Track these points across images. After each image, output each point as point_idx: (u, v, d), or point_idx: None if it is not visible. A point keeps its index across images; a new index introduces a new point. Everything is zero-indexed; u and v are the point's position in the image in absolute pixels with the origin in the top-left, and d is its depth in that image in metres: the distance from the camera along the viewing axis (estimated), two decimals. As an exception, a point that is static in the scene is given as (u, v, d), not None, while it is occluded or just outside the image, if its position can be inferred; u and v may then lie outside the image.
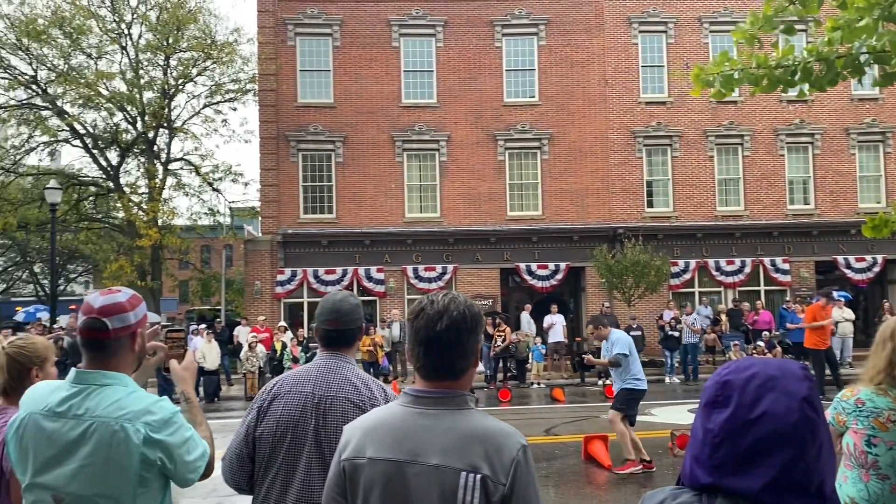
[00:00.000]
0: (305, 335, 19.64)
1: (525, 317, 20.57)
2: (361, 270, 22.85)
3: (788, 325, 18.45)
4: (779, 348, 18.36)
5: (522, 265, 23.05)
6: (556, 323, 19.61)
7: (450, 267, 23.03)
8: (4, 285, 35.53)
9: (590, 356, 11.65)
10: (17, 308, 34.24)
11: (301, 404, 2.64)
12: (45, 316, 23.96)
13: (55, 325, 19.21)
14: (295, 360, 17.71)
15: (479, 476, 1.77)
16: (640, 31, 24.19)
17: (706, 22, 24.04)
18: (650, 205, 23.99)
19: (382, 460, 1.84)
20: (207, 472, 2.34)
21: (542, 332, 20.08)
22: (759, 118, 24.02)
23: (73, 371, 2.30)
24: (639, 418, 8.99)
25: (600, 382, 18.00)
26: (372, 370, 17.40)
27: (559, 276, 23.10)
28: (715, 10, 24.03)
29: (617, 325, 19.69)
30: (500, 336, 17.92)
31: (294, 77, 23.45)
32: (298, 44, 23.61)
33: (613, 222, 23.36)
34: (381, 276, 22.94)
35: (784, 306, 20.54)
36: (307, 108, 23.46)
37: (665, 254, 21.54)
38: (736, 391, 1.33)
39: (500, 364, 18.39)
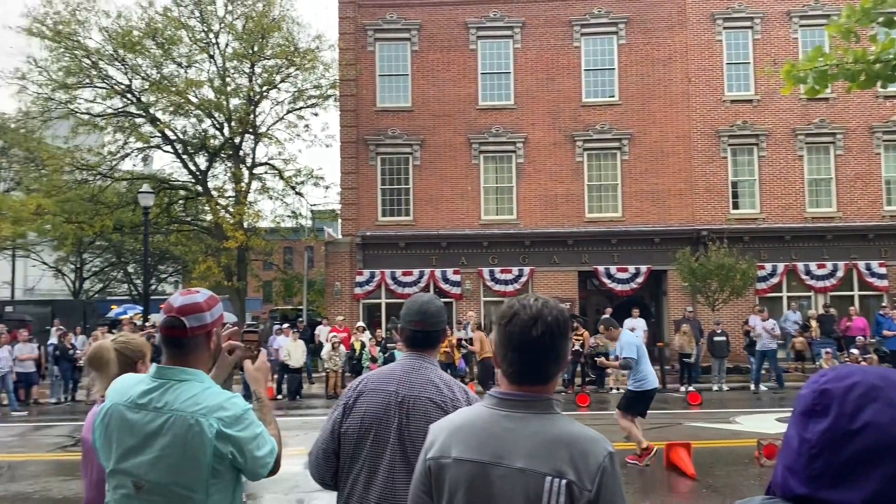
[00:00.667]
0: (383, 335, 19.92)
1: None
2: (438, 272, 22.99)
3: (885, 333, 17.49)
4: (874, 356, 17.42)
5: (601, 268, 22.69)
6: (637, 327, 19.18)
7: (526, 269, 22.90)
8: (101, 285, 37.44)
9: (602, 358, 11.88)
10: (111, 306, 36.05)
11: (385, 402, 2.69)
12: (130, 314, 25.15)
13: (147, 324, 20.10)
14: (373, 360, 17.98)
15: (564, 481, 1.76)
16: (725, 28, 23.45)
17: (795, 16, 23.08)
18: (735, 206, 23.22)
19: (467, 461, 1.85)
20: (275, 468, 2.44)
21: (621, 336, 19.68)
22: (853, 115, 22.89)
23: (153, 366, 2.43)
24: (724, 426, 8.71)
25: (682, 389, 17.52)
26: (449, 371, 17.46)
27: (639, 280, 22.63)
28: (805, 4, 23.03)
29: (700, 331, 19.23)
30: (578, 340, 17.68)
31: (373, 82, 23.84)
32: (378, 49, 23.98)
33: (697, 224, 22.71)
34: (457, 277, 23.02)
35: (881, 312, 19.45)
36: (385, 112, 23.80)
37: (751, 257, 20.80)
38: (835, 400, 1.27)
39: (578, 368, 18.15)
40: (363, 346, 17.94)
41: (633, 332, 19.01)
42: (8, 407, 16.57)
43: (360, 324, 20.03)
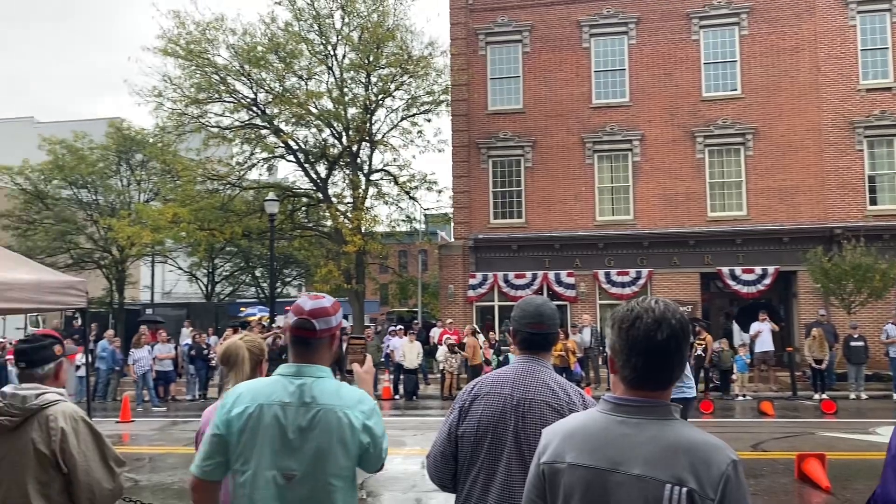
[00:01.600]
0: (497, 338, 19.93)
1: (736, 326, 19.38)
2: (551, 275, 22.77)
3: None
4: None
5: (725, 269, 21.72)
6: (764, 331, 18.25)
7: (644, 271, 22.27)
8: (231, 288, 39.59)
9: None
10: (241, 308, 38.06)
11: (500, 406, 2.69)
12: (259, 315, 26.42)
13: (273, 325, 21.06)
14: (487, 363, 18.03)
15: (685, 489, 1.71)
16: (859, 12, 21.90)
17: (941, -7, 21.24)
18: (873, 202, 21.61)
19: (582, 466, 1.82)
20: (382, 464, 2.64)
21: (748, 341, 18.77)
22: None
23: (291, 366, 2.56)
24: (862, 437, 8.12)
25: (816, 397, 16.49)
26: (564, 375, 17.24)
27: (767, 281, 21.49)
28: (953, -20, 21.16)
29: (834, 335, 17.99)
30: (701, 345, 16.99)
31: (484, 85, 23.95)
32: (489, 52, 24.08)
33: (829, 222, 21.32)
34: (571, 280, 22.71)
35: None
36: (497, 115, 23.85)
37: (893, 256, 19.29)
38: None
39: (702, 374, 17.44)
40: (479, 348, 18.00)
41: (760, 335, 18.13)
42: (149, 403, 17.80)
43: (470, 326, 20.13)
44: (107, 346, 19.08)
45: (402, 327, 20.29)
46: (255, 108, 24.37)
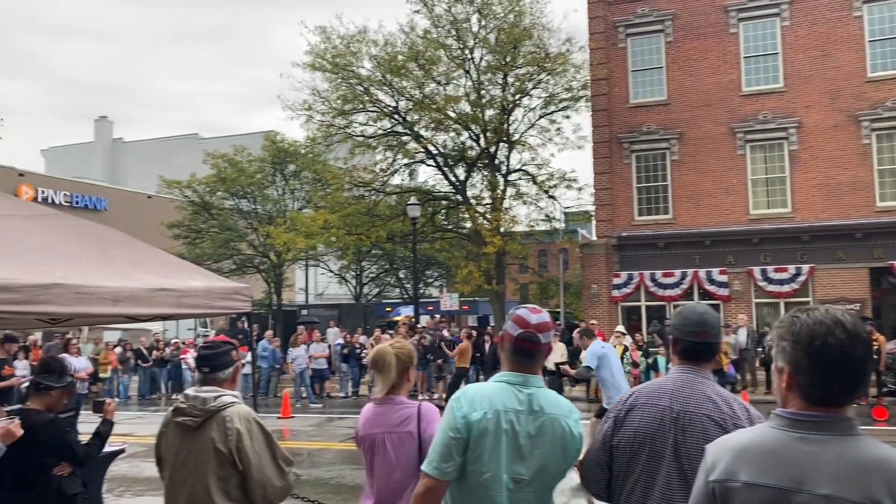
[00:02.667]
0: (644, 339, 19.32)
1: None
2: (702, 273, 21.78)
3: None
4: None
5: (898, 263, 19.86)
6: (947, 331, 16.50)
7: (805, 267, 20.79)
8: (378, 289, 41.05)
9: (566, 367, 11.99)
10: (387, 308, 39.35)
11: (659, 418, 2.63)
12: (403, 314, 27.17)
13: (418, 325, 21.62)
14: (635, 365, 17.52)
15: None
16: None
17: None
18: None
19: (761, 486, 1.73)
20: None
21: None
22: None
23: (517, 375, 2.69)
24: None
25: None
26: (717, 378, 16.44)
27: (949, 276, 19.43)
28: None
29: None
30: (874, 346, 15.60)
31: (625, 78, 23.30)
32: (629, 45, 23.41)
33: None
34: (723, 278, 21.61)
35: None
36: (639, 108, 23.14)
37: None
38: None
39: (875, 377, 16.03)
40: (626, 349, 17.54)
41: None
42: (307, 399, 18.80)
43: (619, 328, 19.62)
44: (267, 345, 20.35)
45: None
46: (396, 116, 25.11)
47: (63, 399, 4.64)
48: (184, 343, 22.41)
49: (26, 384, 14.34)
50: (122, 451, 6.99)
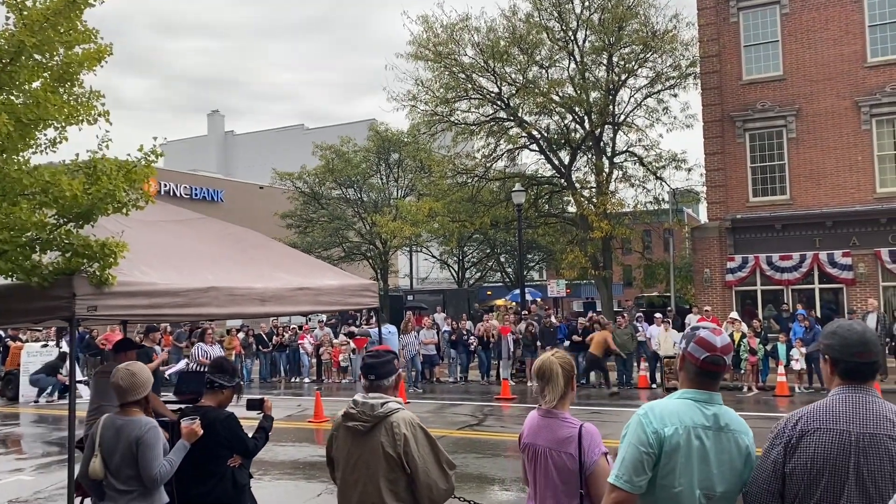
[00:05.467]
0: (761, 325, 18.65)
1: None
2: (823, 255, 20.77)
3: None
4: None
5: None
6: None
7: (940, 248, 19.47)
8: (479, 273, 41.36)
9: None
10: (488, 293, 39.61)
11: (838, 442, 2.57)
12: (508, 299, 27.24)
13: (524, 312, 21.69)
14: (753, 353, 16.98)
15: None
16: None
17: None
18: None
19: None
20: None
21: None
22: None
23: (703, 393, 2.77)
24: None
25: None
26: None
27: None
28: None
29: None
30: None
31: (738, 54, 22.37)
32: (741, 19, 22.44)
33: None
34: (847, 260, 20.53)
35: None
36: (753, 84, 22.18)
37: None
38: None
39: None
40: (743, 336, 17.03)
41: None
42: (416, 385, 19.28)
43: (734, 314, 19.03)
44: (394, 330, 20.92)
45: (660, 315, 19.69)
46: (499, 102, 25.12)
47: (232, 397, 5.03)
48: (300, 329, 23.41)
49: (171, 371, 15.45)
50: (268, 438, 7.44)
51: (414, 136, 27.33)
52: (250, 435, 4.96)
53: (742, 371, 16.99)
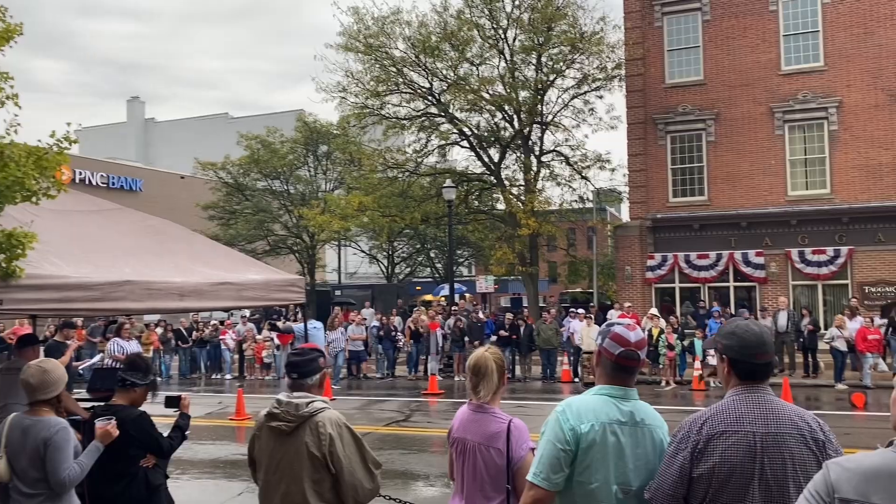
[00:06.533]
0: (679, 322, 19.27)
1: None
2: (738, 254, 21.65)
3: None
4: None
5: (941, 246, 19.57)
6: None
7: (844, 249, 20.57)
8: (409, 268, 41.34)
9: None
10: (417, 288, 39.61)
11: (747, 444, 2.56)
12: (441, 294, 27.31)
13: (453, 307, 21.77)
14: (671, 348, 17.53)
15: None
16: None
17: None
18: None
19: None
20: None
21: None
22: None
23: (619, 389, 2.81)
24: None
25: None
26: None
27: None
28: None
29: None
30: (915, 330, 15.48)
31: (661, 58, 23.03)
32: (665, 24, 23.10)
33: None
34: (760, 260, 21.46)
35: None
36: (675, 88, 22.89)
37: None
38: None
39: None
40: (661, 332, 17.56)
41: None
42: (345, 381, 19.08)
43: (653, 311, 19.61)
44: (302, 328, 20.66)
45: (583, 310, 20.15)
46: (430, 97, 25.12)
47: (146, 395, 4.85)
48: (222, 324, 22.84)
49: (84, 366, 14.80)
50: (186, 437, 7.22)
51: (344, 128, 27.03)
52: (166, 434, 4.79)
53: (661, 366, 17.53)
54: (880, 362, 16.51)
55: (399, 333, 20.60)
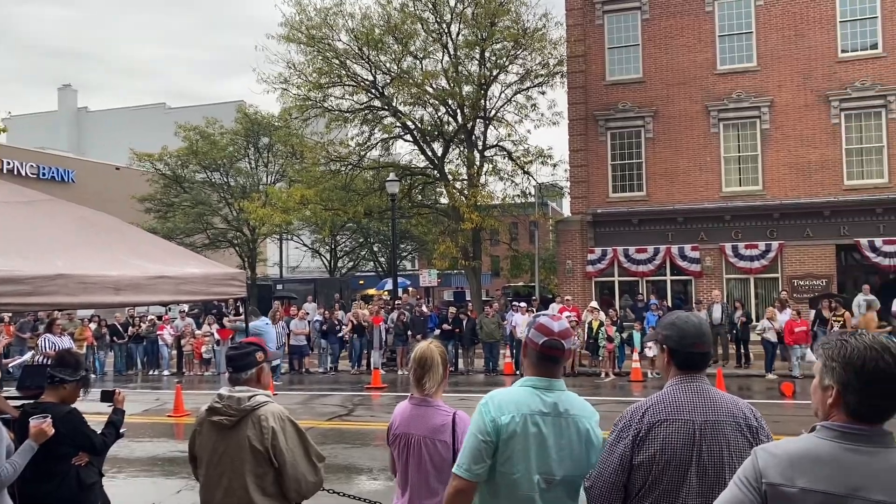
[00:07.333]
0: (618, 315, 19.69)
1: (861, 299, 17.93)
2: (674, 249, 22.23)
3: None
4: None
5: (864, 240, 20.49)
6: (908, 307, 17.10)
7: (774, 244, 21.34)
8: (352, 262, 41.06)
9: None
10: (360, 282, 39.42)
11: (686, 431, 2.63)
12: (384, 289, 27.24)
13: (397, 301, 21.75)
14: (610, 340, 17.89)
15: None
16: None
17: None
18: None
19: (819, 492, 1.89)
20: None
21: (888, 317, 17.64)
22: None
23: (542, 380, 2.83)
24: None
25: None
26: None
27: (911, 253, 20.10)
28: None
29: None
30: (838, 321, 16.19)
31: (602, 56, 23.42)
32: (606, 21, 23.49)
33: None
34: (695, 254, 22.08)
35: None
36: (615, 85, 23.31)
37: None
38: None
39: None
40: (601, 325, 17.92)
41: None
42: (286, 375, 18.85)
43: (593, 304, 19.99)
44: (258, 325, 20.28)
45: (525, 304, 20.40)
46: (373, 90, 24.96)
47: (77, 392, 4.71)
48: (160, 319, 22.28)
49: (14, 363, 14.22)
50: (122, 434, 7.04)
51: (285, 120, 26.63)
52: (100, 431, 4.67)
53: (600, 358, 17.89)
54: (808, 353, 17.20)
55: (343, 327, 20.46)
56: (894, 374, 1.91)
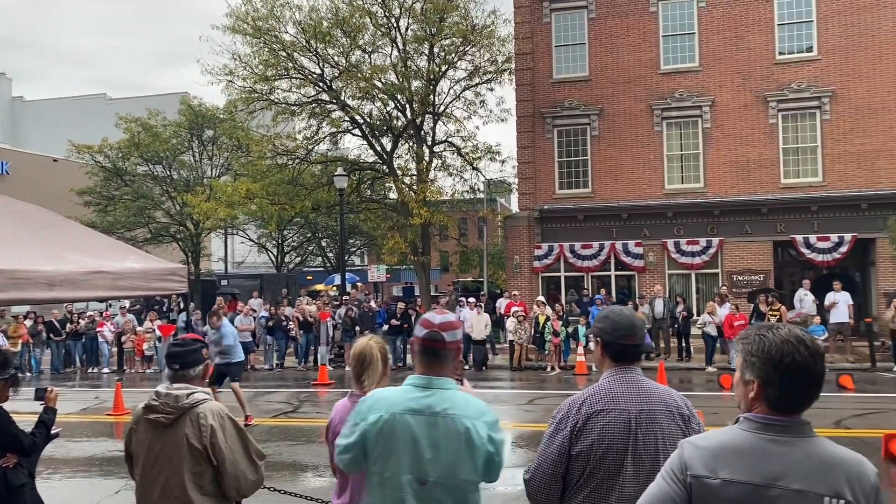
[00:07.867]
0: (564, 309, 19.97)
1: (803, 294, 18.68)
2: (619, 245, 22.64)
3: None
4: None
5: (799, 237, 21.22)
6: (840, 301, 17.81)
7: (715, 240, 21.93)
8: (300, 258, 40.57)
9: None
10: (308, 277, 38.99)
11: (623, 421, 2.70)
12: (330, 285, 26.97)
13: (345, 297, 21.62)
14: (556, 334, 18.13)
15: (842, 501, 1.89)
16: (949, -37, 20.71)
17: None
18: (960, 165, 20.66)
19: (739, 483, 1.94)
20: None
21: (822, 311, 18.34)
22: None
23: (421, 377, 2.77)
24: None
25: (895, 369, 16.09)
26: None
27: (843, 249, 20.91)
28: None
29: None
30: (775, 315, 16.71)
31: (549, 54, 23.66)
32: (553, 20, 23.74)
33: (912, 187, 20.52)
34: (639, 250, 22.53)
35: None
36: (562, 83, 23.58)
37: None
38: None
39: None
40: (547, 319, 18.14)
41: (836, 305, 17.64)
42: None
43: (540, 298, 20.22)
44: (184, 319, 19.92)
45: (473, 299, 20.51)
46: (321, 84, 24.69)
47: (6, 391, 4.57)
48: (100, 315, 21.68)
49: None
50: (57, 434, 6.84)
51: (231, 113, 26.11)
52: (30, 430, 4.53)
53: (547, 352, 18.12)
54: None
55: (290, 323, 20.23)
56: (810, 366, 1.98)
